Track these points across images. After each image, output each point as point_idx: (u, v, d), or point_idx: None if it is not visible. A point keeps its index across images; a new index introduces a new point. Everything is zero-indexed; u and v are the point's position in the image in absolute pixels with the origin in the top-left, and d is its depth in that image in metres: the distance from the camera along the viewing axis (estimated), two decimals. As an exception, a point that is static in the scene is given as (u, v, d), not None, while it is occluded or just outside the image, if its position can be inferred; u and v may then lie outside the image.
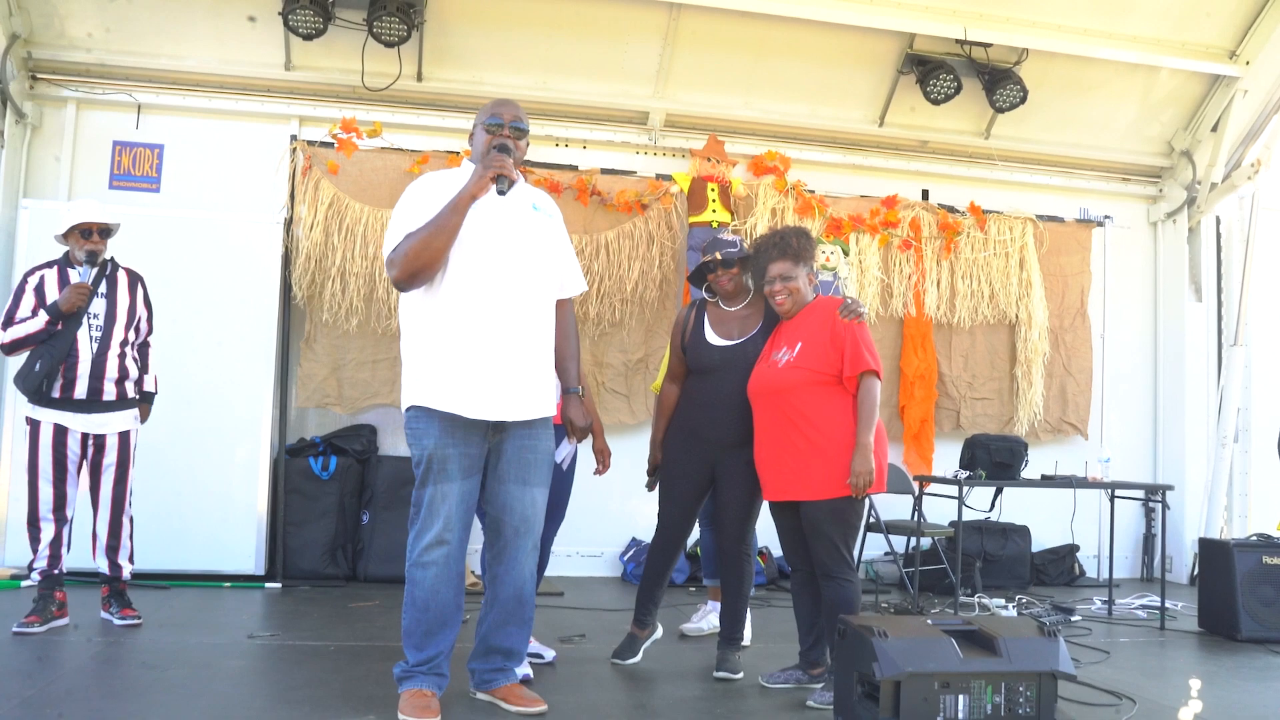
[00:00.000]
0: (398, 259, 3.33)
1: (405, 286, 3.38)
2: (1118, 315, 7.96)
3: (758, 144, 7.27)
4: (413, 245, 3.32)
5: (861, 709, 3.23)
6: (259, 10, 6.39)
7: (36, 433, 4.61)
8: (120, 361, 4.72)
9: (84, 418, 4.64)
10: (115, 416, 4.74)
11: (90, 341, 4.62)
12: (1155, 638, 5.51)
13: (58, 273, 4.70)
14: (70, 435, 4.63)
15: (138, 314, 4.83)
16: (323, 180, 6.48)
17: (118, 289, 4.77)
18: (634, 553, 6.76)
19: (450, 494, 3.39)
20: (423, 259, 3.32)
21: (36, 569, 4.63)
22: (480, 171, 3.42)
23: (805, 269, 3.99)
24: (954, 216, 7.45)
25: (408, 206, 3.43)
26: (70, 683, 3.74)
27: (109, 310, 4.71)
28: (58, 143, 6.49)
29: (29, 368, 4.56)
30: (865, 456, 3.69)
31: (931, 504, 6.09)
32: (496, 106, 3.62)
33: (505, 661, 3.58)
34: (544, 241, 3.60)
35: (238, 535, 5.97)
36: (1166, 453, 7.89)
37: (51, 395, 4.58)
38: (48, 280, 4.67)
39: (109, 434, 4.72)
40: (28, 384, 4.56)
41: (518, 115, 3.60)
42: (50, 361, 4.53)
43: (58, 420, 4.61)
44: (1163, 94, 7.62)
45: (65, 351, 4.56)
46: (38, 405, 4.60)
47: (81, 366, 4.60)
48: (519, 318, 3.47)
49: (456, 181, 3.49)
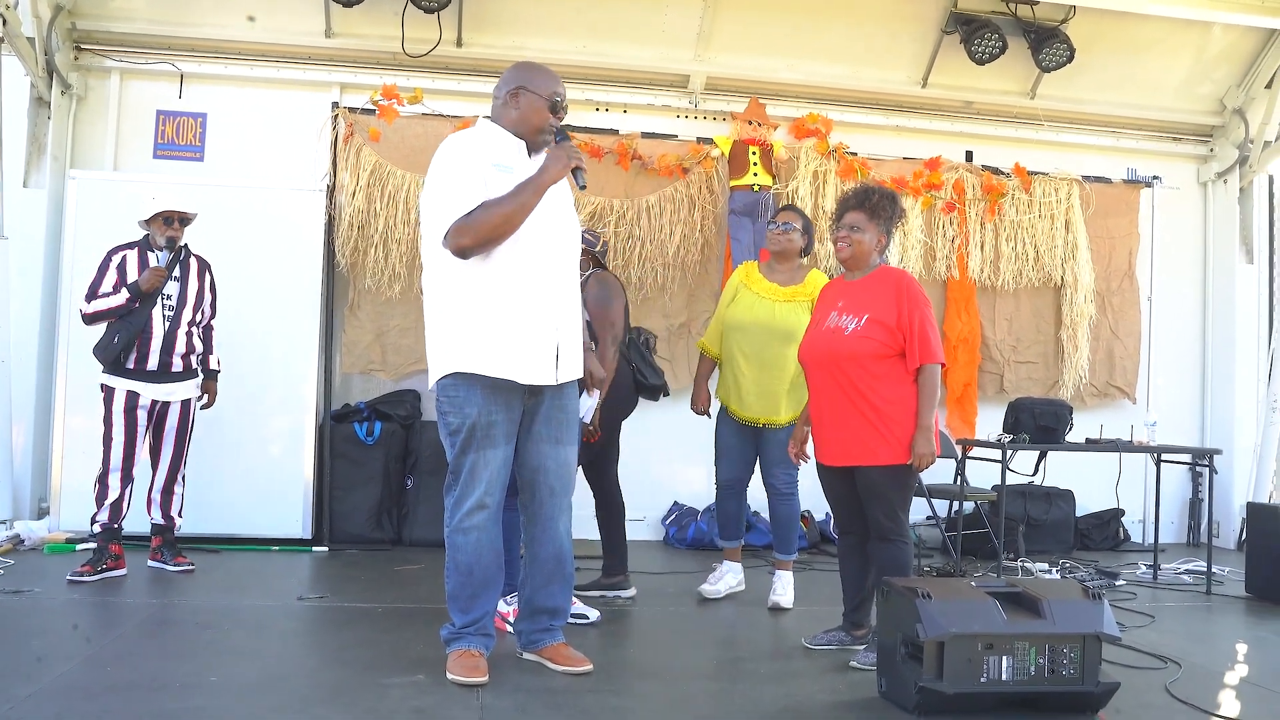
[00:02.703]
0: (471, 228, 3.32)
1: (469, 254, 3.36)
2: (1166, 277, 7.82)
3: (799, 107, 7.20)
4: (491, 218, 3.32)
5: (905, 669, 3.23)
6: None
7: (111, 398, 5.03)
8: (188, 339, 5.16)
9: (154, 386, 5.08)
10: (180, 386, 5.17)
11: (163, 320, 5.06)
12: (1201, 603, 5.46)
13: (138, 254, 5.11)
14: (141, 400, 5.04)
15: (205, 297, 5.27)
16: (364, 147, 6.50)
17: (189, 274, 5.19)
18: (676, 516, 6.77)
19: (494, 459, 3.42)
20: (500, 231, 3.35)
21: (99, 521, 4.97)
22: (564, 160, 3.45)
23: (878, 228, 3.97)
24: (998, 178, 7.34)
25: (460, 172, 3.40)
26: (128, 644, 3.83)
27: (181, 293, 5.14)
28: (103, 113, 6.57)
29: (108, 339, 5.00)
30: (927, 439, 3.75)
31: (974, 468, 6.06)
32: (555, 83, 3.58)
33: (551, 621, 3.62)
34: (569, 206, 3.67)
35: (285, 500, 6.06)
36: (1214, 417, 7.77)
37: (126, 366, 5.01)
38: (129, 260, 5.08)
39: (174, 401, 5.14)
40: (107, 354, 5.00)
41: (565, 92, 3.62)
42: (128, 335, 4.98)
43: (130, 387, 5.03)
44: (1215, 51, 7.43)
45: (141, 327, 5.00)
46: (113, 374, 5.03)
47: (155, 341, 5.03)
48: (560, 281, 3.52)
49: (494, 145, 3.50)
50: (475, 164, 3.41)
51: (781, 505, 4.86)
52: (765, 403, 4.77)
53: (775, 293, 4.80)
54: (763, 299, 4.80)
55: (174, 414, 5.15)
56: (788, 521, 4.89)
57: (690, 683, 3.59)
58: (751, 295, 4.84)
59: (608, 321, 4.51)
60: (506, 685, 3.35)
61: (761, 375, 4.76)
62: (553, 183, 3.43)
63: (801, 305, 4.73)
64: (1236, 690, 3.76)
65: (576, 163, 3.48)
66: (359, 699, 3.17)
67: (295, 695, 3.21)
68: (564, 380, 3.53)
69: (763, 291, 4.82)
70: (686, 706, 3.31)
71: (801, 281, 4.83)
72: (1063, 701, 3.22)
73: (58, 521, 5.84)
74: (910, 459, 3.75)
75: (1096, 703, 3.24)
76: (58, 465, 5.90)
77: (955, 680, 3.12)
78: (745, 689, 3.52)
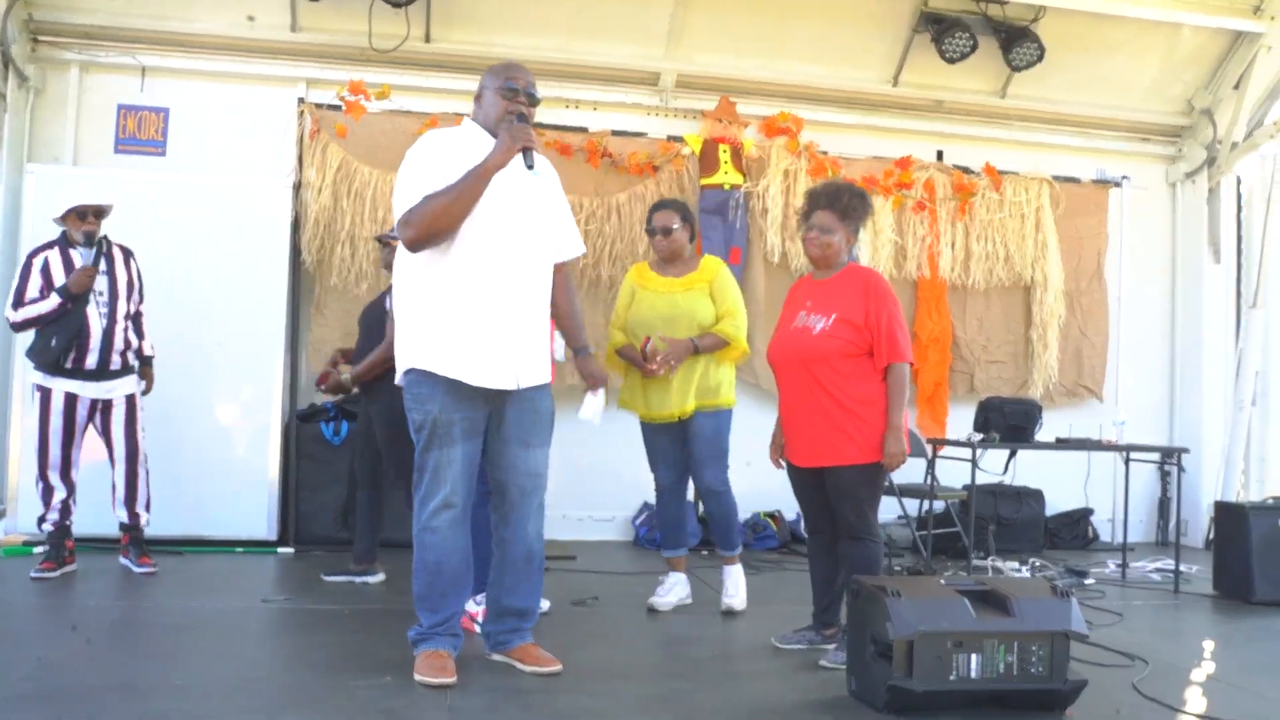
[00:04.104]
0: (415, 220, 3.28)
1: (418, 248, 3.33)
2: (1135, 277, 7.86)
3: (770, 105, 7.17)
4: (432, 208, 3.27)
5: (875, 668, 3.22)
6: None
7: (48, 399, 4.97)
8: (125, 334, 5.10)
9: (94, 385, 5.02)
10: (120, 382, 5.12)
11: (99, 317, 4.99)
12: (1169, 601, 5.49)
13: (60, 253, 5.02)
14: (80, 402, 4.99)
15: (135, 287, 5.18)
16: (331, 144, 6.43)
17: (115, 265, 5.11)
18: (646, 516, 6.75)
19: (455, 458, 3.38)
20: (442, 223, 3.29)
21: (50, 520, 4.97)
22: (507, 142, 3.35)
23: (848, 228, 3.95)
24: (969, 178, 7.36)
25: (420, 166, 3.38)
26: (91, 647, 3.75)
27: (111, 287, 5.06)
28: (62, 107, 6.44)
29: (44, 343, 4.92)
30: (898, 438, 3.75)
31: (945, 467, 6.07)
32: (511, 70, 3.54)
33: (519, 622, 3.59)
34: (545, 205, 3.58)
35: (250, 501, 5.98)
36: (1183, 416, 7.82)
37: (64, 366, 4.94)
38: (52, 261, 4.99)
39: (116, 398, 5.08)
40: (45, 358, 4.92)
41: (531, 82, 3.54)
42: (66, 338, 4.90)
43: (69, 389, 4.97)
44: (1184, 52, 7.48)
45: (78, 328, 4.92)
46: (50, 375, 4.95)
47: (93, 340, 4.96)
48: (525, 285, 3.47)
49: (465, 142, 3.46)
50: (438, 159, 3.36)
51: (715, 504, 4.67)
52: (670, 398, 4.55)
53: (672, 285, 4.65)
54: (661, 294, 4.65)
55: (119, 411, 5.09)
56: (725, 519, 4.69)
57: (661, 682, 3.56)
58: (650, 294, 4.69)
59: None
60: (475, 686, 3.31)
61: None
62: (498, 167, 3.33)
63: (701, 290, 4.61)
64: (1203, 687, 3.78)
65: (524, 143, 3.36)
66: (326, 701, 3.13)
67: (261, 698, 3.16)
68: (526, 386, 3.47)
69: (660, 288, 4.68)
70: (657, 706, 3.28)
71: (697, 268, 4.70)
72: (1031, 699, 3.22)
73: (15, 523, 5.72)
74: (880, 458, 3.74)
75: (1065, 700, 3.24)
76: (13, 468, 5.77)
77: (925, 678, 3.11)
78: (716, 688, 3.50)
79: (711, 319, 4.59)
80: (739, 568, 4.77)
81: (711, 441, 4.59)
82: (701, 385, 4.57)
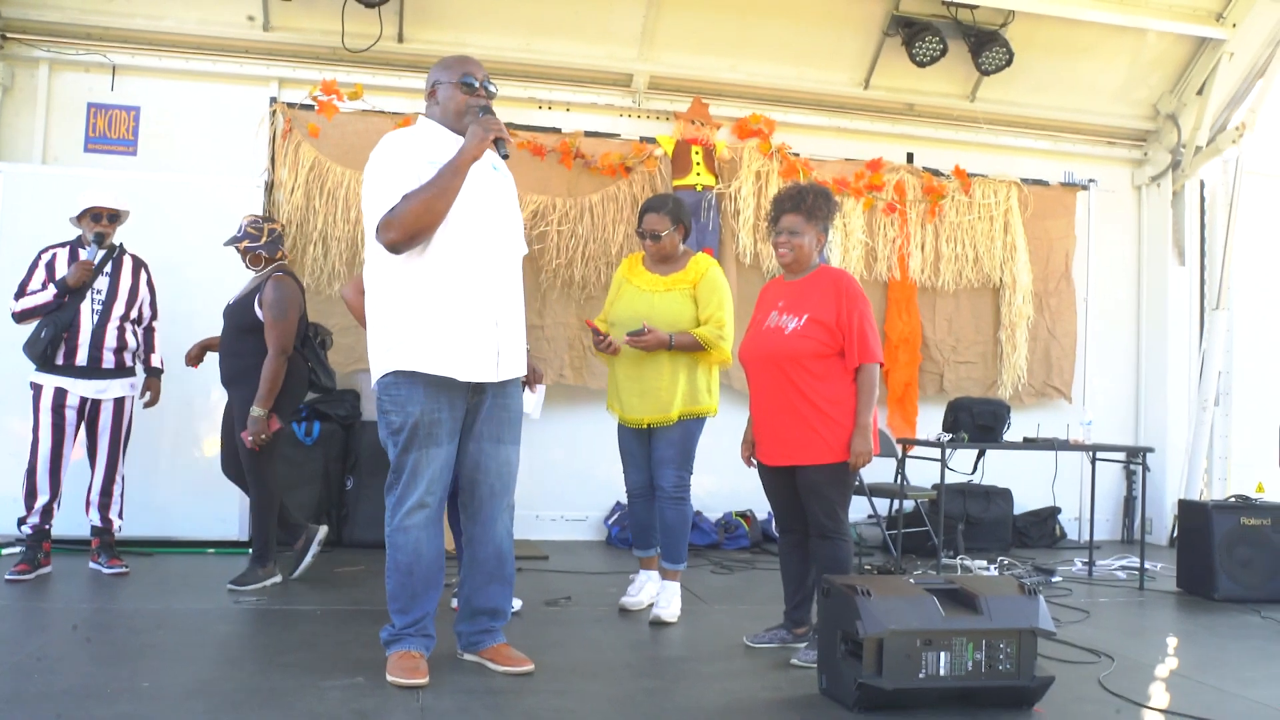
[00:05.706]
0: (399, 220, 3.28)
1: (402, 249, 3.32)
2: (1101, 279, 7.96)
3: (742, 107, 7.22)
4: (413, 207, 3.28)
5: (845, 666, 3.25)
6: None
7: (39, 395, 5.00)
8: (120, 334, 5.10)
9: (84, 383, 5.03)
10: (113, 383, 5.12)
11: (91, 314, 5.02)
12: (1134, 598, 5.57)
13: (69, 251, 5.10)
14: (70, 398, 5.01)
15: (140, 296, 5.21)
16: (303, 143, 6.40)
17: (121, 270, 5.15)
18: (618, 516, 6.77)
19: (436, 458, 3.39)
20: (424, 221, 3.29)
21: (29, 523, 4.96)
22: (480, 134, 3.36)
23: (816, 228, 3.98)
24: (939, 180, 7.43)
25: (391, 167, 3.38)
26: (59, 650, 3.73)
27: (111, 288, 5.10)
28: (31, 105, 6.38)
29: (35, 334, 4.96)
30: (865, 438, 3.79)
31: (914, 467, 6.12)
32: (466, 64, 3.55)
33: (491, 622, 3.59)
34: (510, 202, 3.61)
35: (221, 501, 5.90)
36: (1148, 416, 7.93)
37: (55, 361, 4.97)
38: (59, 258, 5.07)
39: (106, 399, 5.09)
40: (34, 350, 4.95)
41: (487, 75, 3.57)
42: (54, 330, 4.94)
43: (59, 384, 4.99)
44: (1149, 57, 7.59)
45: (68, 322, 4.96)
46: (42, 371, 4.99)
47: (83, 336, 4.99)
48: (501, 277, 3.49)
49: (429, 139, 3.47)
50: (407, 159, 3.37)
51: (669, 510, 4.52)
52: (648, 402, 4.50)
53: (655, 284, 4.60)
54: (643, 292, 4.61)
55: (107, 412, 5.08)
56: (675, 528, 4.53)
57: (633, 682, 3.58)
58: (633, 289, 4.66)
59: (278, 332, 4.82)
60: (447, 686, 3.32)
61: (640, 372, 4.50)
62: (473, 159, 3.36)
63: (682, 293, 4.54)
64: (1167, 682, 3.86)
65: (496, 134, 3.38)
66: (297, 702, 3.12)
67: (231, 699, 3.15)
68: (506, 377, 3.50)
69: (643, 284, 4.64)
70: (629, 706, 3.30)
71: (684, 267, 4.62)
72: (1000, 696, 3.27)
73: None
74: (849, 457, 3.78)
75: (1032, 696, 3.28)
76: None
77: (894, 676, 3.15)
78: (688, 687, 3.52)
79: (689, 322, 4.49)
80: (678, 585, 4.60)
81: (677, 444, 4.52)
82: (685, 392, 4.50)
